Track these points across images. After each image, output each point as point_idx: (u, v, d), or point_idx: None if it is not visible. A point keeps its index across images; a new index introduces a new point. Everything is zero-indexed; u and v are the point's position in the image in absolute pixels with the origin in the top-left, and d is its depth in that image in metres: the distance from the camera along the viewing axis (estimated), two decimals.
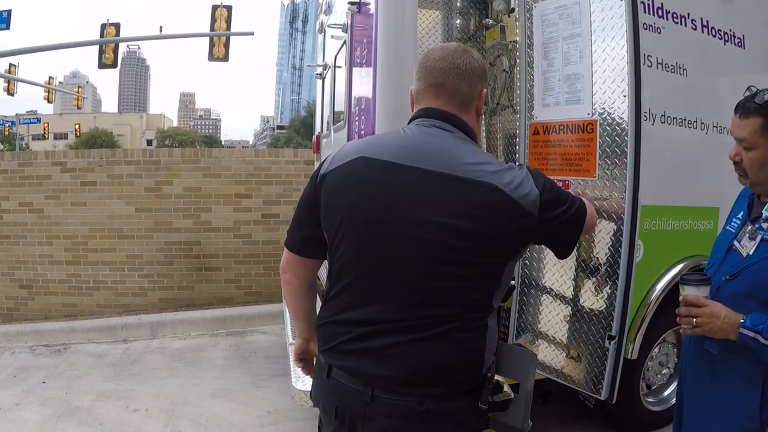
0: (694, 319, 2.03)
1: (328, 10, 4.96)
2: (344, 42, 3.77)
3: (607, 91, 2.65)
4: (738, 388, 2.06)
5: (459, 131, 1.73)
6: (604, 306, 2.67)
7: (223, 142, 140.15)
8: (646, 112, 3.56)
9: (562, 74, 2.86)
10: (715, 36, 4.07)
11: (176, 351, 5.99)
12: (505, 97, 3.39)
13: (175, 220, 7.09)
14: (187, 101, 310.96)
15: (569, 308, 2.85)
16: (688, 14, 3.87)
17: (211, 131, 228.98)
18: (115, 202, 7.05)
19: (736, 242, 2.15)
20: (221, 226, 7.15)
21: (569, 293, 2.86)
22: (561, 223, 1.73)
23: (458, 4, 4.05)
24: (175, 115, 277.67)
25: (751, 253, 2.05)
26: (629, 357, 3.57)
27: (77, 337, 6.40)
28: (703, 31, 3.98)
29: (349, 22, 3.61)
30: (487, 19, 3.69)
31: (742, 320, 1.95)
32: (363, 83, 3.30)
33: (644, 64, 3.56)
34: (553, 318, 2.97)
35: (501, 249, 1.64)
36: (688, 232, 3.54)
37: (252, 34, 21.26)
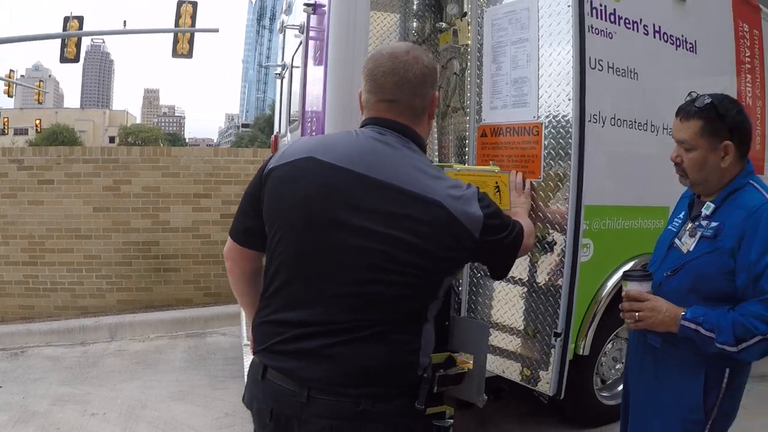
0: (637, 314, 2.12)
1: (288, 10, 4.97)
2: (300, 42, 3.79)
3: (553, 94, 2.70)
4: (681, 380, 2.15)
5: (411, 142, 1.73)
6: (550, 304, 2.71)
7: (187, 140, 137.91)
8: (595, 115, 3.64)
9: (510, 78, 2.90)
10: (667, 41, 4.16)
11: (135, 353, 5.93)
12: (457, 99, 3.43)
13: (134, 220, 7.03)
14: (151, 98, 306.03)
15: (516, 306, 2.89)
16: (641, 20, 3.95)
17: (175, 129, 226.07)
18: (72, 201, 6.95)
19: (677, 240, 2.25)
20: (180, 226, 7.10)
21: (516, 292, 2.91)
22: (500, 247, 1.77)
23: (414, 7, 4.09)
24: (139, 112, 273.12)
25: (691, 249, 2.15)
26: (581, 353, 3.63)
27: (34, 340, 6.27)
28: (655, 36, 4.07)
29: (306, 22, 3.62)
30: (441, 23, 3.73)
31: (683, 313, 2.03)
32: (316, 84, 3.32)
33: (595, 68, 3.64)
34: (501, 316, 3.01)
35: (439, 265, 1.65)
36: (639, 230, 3.63)
37: (217, 30, 20.88)
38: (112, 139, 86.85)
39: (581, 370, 3.66)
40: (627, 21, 3.87)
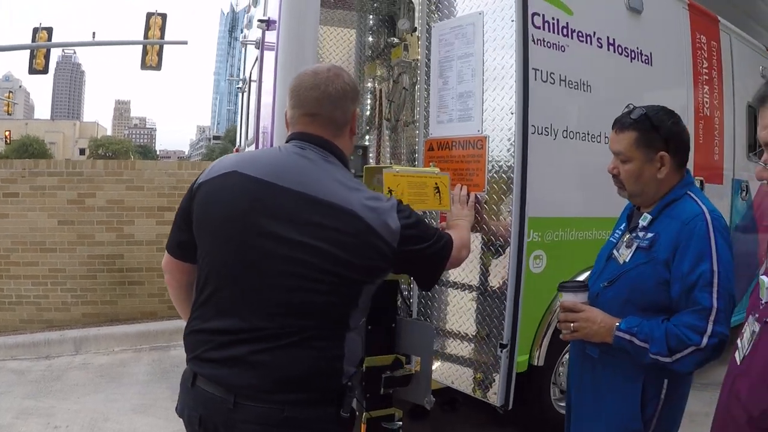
0: (572, 324, 2.14)
1: (249, 25, 5.00)
2: (257, 58, 3.82)
3: (497, 108, 2.74)
4: (619, 390, 2.15)
5: (332, 156, 1.81)
6: (495, 315, 2.74)
7: (158, 152, 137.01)
8: (547, 128, 3.69)
9: (456, 92, 2.94)
10: (621, 53, 4.22)
11: (99, 367, 5.92)
12: (409, 113, 3.47)
13: (98, 233, 7.00)
14: (122, 109, 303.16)
15: (465, 317, 2.92)
16: (594, 33, 4.00)
17: (146, 141, 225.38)
18: (37, 215, 6.90)
19: (615, 251, 2.26)
20: (144, 239, 7.08)
21: (465, 302, 2.93)
22: (422, 257, 1.84)
23: (370, 22, 4.14)
24: (110, 124, 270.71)
25: (627, 260, 2.16)
26: (535, 364, 3.66)
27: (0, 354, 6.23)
28: (609, 49, 4.12)
29: (261, 38, 3.66)
30: (393, 38, 3.78)
31: (617, 324, 2.04)
32: (269, 99, 3.34)
33: (546, 81, 3.69)
34: (450, 326, 3.03)
35: (357, 274, 1.71)
36: (593, 241, 3.65)
37: (185, 43, 20.75)
38: (82, 151, 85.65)
39: (537, 380, 3.68)
40: (580, 34, 3.92)
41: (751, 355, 1.45)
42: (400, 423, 2.78)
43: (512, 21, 2.68)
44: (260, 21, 3.48)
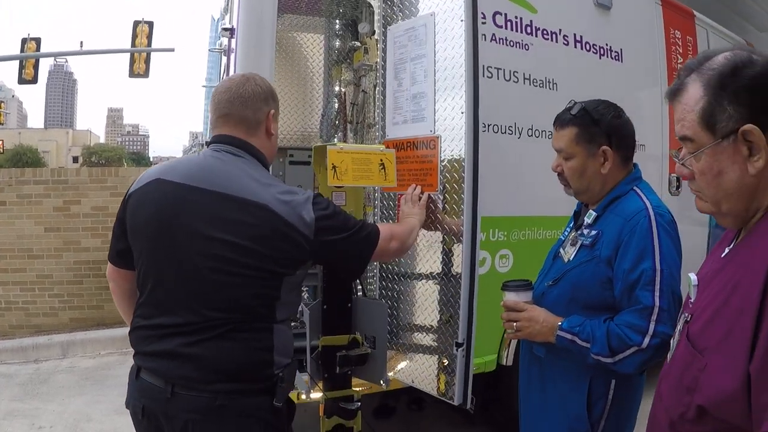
0: (515, 324, 2.12)
1: (219, 34, 5.05)
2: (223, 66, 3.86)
3: (447, 108, 2.74)
4: (565, 391, 2.11)
5: (246, 154, 1.92)
6: (451, 314, 2.74)
7: (151, 159, 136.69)
8: (511, 126, 3.71)
9: (410, 93, 2.96)
10: (589, 50, 4.22)
11: (85, 370, 6.07)
12: (371, 115, 3.49)
13: (84, 240, 7.12)
14: (114, 117, 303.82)
15: (424, 316, 2.93)
16: (560, 30, 4.02)
17: (139, 147, 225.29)
18: (24, 222, 7.03)
19: (561, 249, 2.24)
20: None
21: (422, 301, 2.94)
22: (341, 247, 1.93)
23: (336, 27, 4.17)
24: (103, 131, 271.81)
25: (571, 258, 2.13)
26: (504, 363, 3.67)
27: None
28: (576, 46, 4.13)
29: (227, 46, 3.70)
30: (354, 42, 3.81)
31: (560, 323, 2.02)
32: None
33: (510, 80, 3.72)
34: (409, 327, 3.04)
35: (275, 266, 1.80)
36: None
37: (173, 50, 20.86)
38: (75, 159, 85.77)
39: (506, 380, 3.68)
40: (545, 32, 3.94)
41: (674, 355, 1.42)
42: (359, 404, 2.80)
43: (461, 21, 2.68)
44: (224, 29, 3.52)
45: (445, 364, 2.79)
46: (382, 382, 2.80)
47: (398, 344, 3.08)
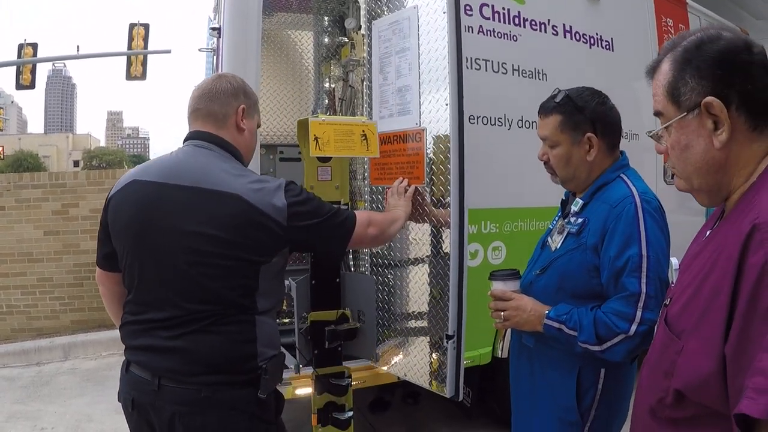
0: (502, 313, 2.11)
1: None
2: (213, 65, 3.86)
3: (432, 100, 2.75)
4: (555, 381, 2.10)
5: (216, 147, 1.96)
6: (441, 307, 2.74)
7: None
8: (500, 118, 3.70)
9: (395, 87, 2.96)
10: (579, 40, 4.21)
11: (86, 371, 6.10)
12: (359, 111, 3.49)
13: (83, 242, 7.14)
14: (114, 120, 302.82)
15: (414, 308, 2.93)
16: (549, 21, 4.01)
17: (139, 150, 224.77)
18: (23, 226, 7.06)
19: (548, 238, 2.23)
20: None
21: (414, 294, 2.95)
22: (315, 233, 1.94)
23: (325, 23, 4.18)
24: (103, 135, 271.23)
25: (558, 247, 2.12)
26: (499, 355, 3.66)
27: None
28: (566, 36, 4.12)
29: (216, 45, 3.70)
30: (341, 37, 3.82)
31: (547, 311, 2.01)
32: None
33: (498, 71, 3.71)
34: (402, 318, 3.05)
35: (249, 254, 1.83)
36: None
37: (169, 52, 20.83)
38: (76, 163, 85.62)
39: (503, 372, 3.66)
40: (533, 23, 3.92)
41: (653, 340, 1.40)
42: (350, 379, 2.81)
43: (444, 13, 2.67)
44: (212, 29, 3.52)
45: (437, 357, 2.79)
46: (371, 357, 2.81)
47: (389, 337, 3.08)
